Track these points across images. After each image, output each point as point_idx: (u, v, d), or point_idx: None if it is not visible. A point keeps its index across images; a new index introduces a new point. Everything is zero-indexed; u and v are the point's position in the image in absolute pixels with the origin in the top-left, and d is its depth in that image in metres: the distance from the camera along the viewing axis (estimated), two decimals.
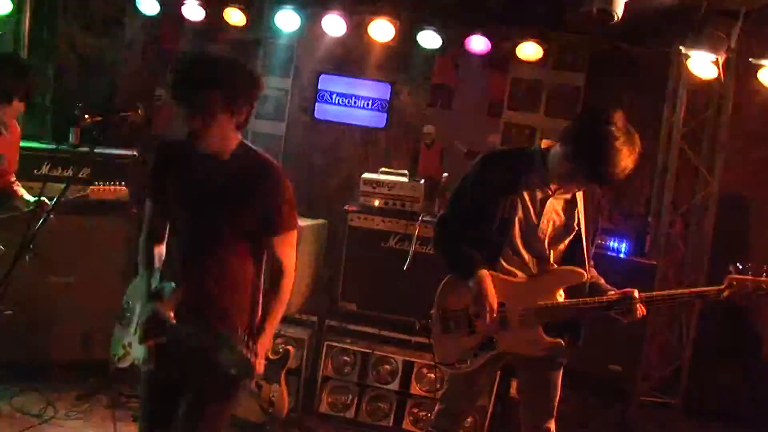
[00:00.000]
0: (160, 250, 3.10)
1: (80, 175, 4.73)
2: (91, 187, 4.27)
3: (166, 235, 3.06)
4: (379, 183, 5.14)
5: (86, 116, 2.84)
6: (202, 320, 2.84)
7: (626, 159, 3.02)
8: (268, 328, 2.93)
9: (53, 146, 5.15)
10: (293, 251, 3.00)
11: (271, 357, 4.64)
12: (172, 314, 2.82)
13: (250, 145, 2.96)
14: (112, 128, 2.88)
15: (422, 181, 5.22)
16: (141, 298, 2.97)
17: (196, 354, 2.83)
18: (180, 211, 2.95)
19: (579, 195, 3.33)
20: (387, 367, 4.98)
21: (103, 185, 4.30)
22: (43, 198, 4.10)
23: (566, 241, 3.36)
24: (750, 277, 3.16)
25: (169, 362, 2.90)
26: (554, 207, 3.32)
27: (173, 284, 2.88)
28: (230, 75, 2.77)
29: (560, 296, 3.31)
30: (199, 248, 2.90)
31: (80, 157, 2.93)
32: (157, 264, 3.04)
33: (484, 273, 3.26)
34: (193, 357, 2.85)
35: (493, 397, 4.80)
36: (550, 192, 3.29)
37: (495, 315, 3.25)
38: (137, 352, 2.97)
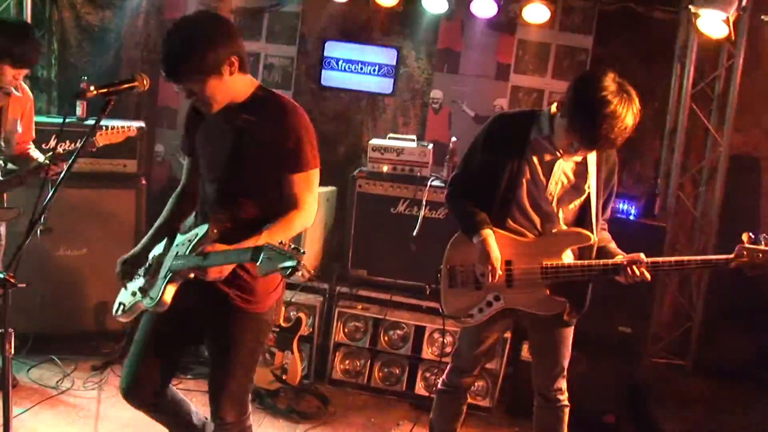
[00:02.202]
0: (188, 208, 3.19)
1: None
2: (99, 132, 4.16)
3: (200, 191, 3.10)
4: (387, 149, 5.13)
5: (92, 89, 2.82)
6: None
7: (623, 120, 3.00)
8: (258, 235, 2.77)
9: (60, 119, 5.16)
10: (313, 193, 2.94)
11: (283, 324, 4.69)
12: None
13: (269, 89, 2.98)
14: (118, 100, 2.87)
15: (430, 146, 5.21)
16: (169, 242, 3.04)
17: (221, 293, 2.91)
18: (204, 163, 3.03)
19: (591, 157, 3.32)
20: (398, 332, 5.02)
21: (111, 129, 4.26)
22: (49, 161, 4.10)
23: (576, 203, 3.37)
24: (762, 248, 3.11)
25: (188, 301, 2.94)
26: (563, 169, 3.32)
27: (207, 225, 2.89)
28: (200, 42, 2.75)
29: (567, 257, 3.33)
30: (223, 195, 2.93)
31: (90, 131, 2.93)
32: (178, 222, 3.14)
33: (489, 232, 3.30)
34: (218, 296, 2.92)
35: (504, 360, 4.85)
36: (559, 154, 3.29)
37: (500, 273, 3.28)
38: (149, 292, 2.97)
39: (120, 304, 3.17)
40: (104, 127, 4.23)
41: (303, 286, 5.07)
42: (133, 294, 3.09)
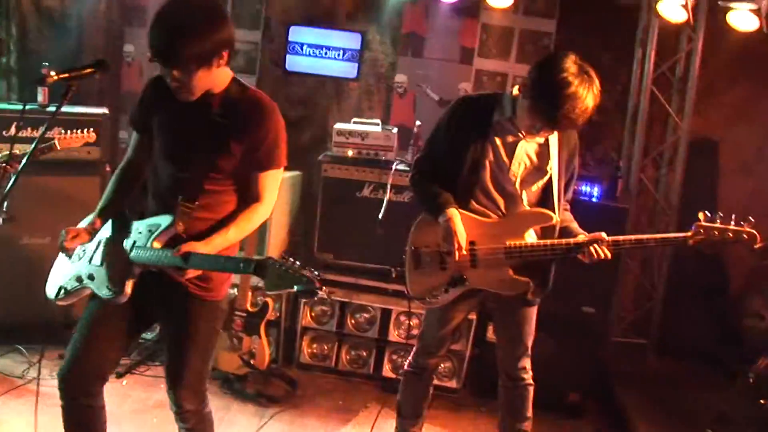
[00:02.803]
0: (133, 185, 3.10)
1: (51, 135, 4.66)
2: (57, 137, 4.18)
3: (152, 170, 3.03)
4: (352, 133, 5.14)
5: (52, 74, 2.79)
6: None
7: (584, 101, 3.04)
8: (227, 232, 2.84)
9: (20, 106, 5.09)
10: (276, 187, 2.98)
11: (250, 309, 4.69)
12: (159, 245, 2.80)
13: (243, 82, 2.94)
14: (79, 85, 2.83)
15: (395, 130, 5.23)
16: (115, 225, 2.96)
17: (176, 281, 2.84)
18: (168, 146, 2.93)
19: (553, 139, 3.37)
20: (365, 315, 5.05)
21: (70, 132, 4.23)
22: (12, 152, 4.03)
23: (539, 184, 3.42)
24: (718, 225, 3.18)
25: (140, 287, 2.88)
26: (526, 150, 3.36)
27: (171, 217, 2.83)
28: (201, 27, 2.67)
29: (530, 237, 3.38)
30: (188, 183, 2.86)
31: (50, 117, 2.89)
32: (131, 197, 3.06)
33: (454, 211, 3.34)
34: (173, 284, 2.85)
35: (470, 341, 4.90)
36: (521, 135, 3.33)
37: (465, 252, 3.31)
38: (104, 282, 2.90)
39: (61, 288, 3.08)
40: (64, 132, 4.24)
41: None
42: (78, 280, 3.01)
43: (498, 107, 3.37)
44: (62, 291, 3.07)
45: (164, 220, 2.84)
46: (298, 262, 2.52)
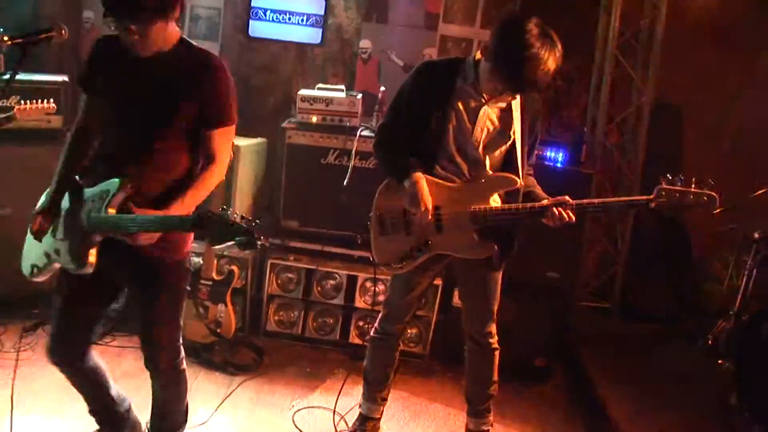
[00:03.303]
0: (86, 150, 3.08)
1: (8, 104, 4.56)
2: (16, 107, 4.10)
3: (101, 132, 3.03)
4: (316, 99, 5.09)
5: (5, 39, 2.74)
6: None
7: (546, 63, 3.04)
8: (188, 194, 2.88)
9: None
10: (229, 146, 3.02)
11: (215, 278, 4.67)
12: (113, 210, 2.80)
13: (190, 41, 2.94)
14: (34, 50, 2.79)
15: (359, 96, 5.19)
16: (72, 196, 2.96)
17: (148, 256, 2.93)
18: (117, 106, 2.92)
19: (515, 103, 3.37)
20: (331, 282, 5.04)
21: (30, 103, 4.16)
22: None
23: (502, 149, 3.42)
24: (678, 188, 3.19)
25: (104, 255, 2.90)
26: (488, 115, 3.36)
27: (118, 180, 2.82)
28: None
29: (494, 202, 3.39)
30: (138, 143, 2.87)
31: (5, 84, 2.85)
32: (85, 163, 3.05)
33: (419, 175, 3.34)
34: (134, 249, 2.87)
35: (436, 308, 4.93)
36: (483, 100, 3.33)
37: (430, 216, 3.32)
38: (69, 255, 2.92)
39: (33, 266, 3.11)
40: (23, 102, 4.13)
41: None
42: (47, 256, 3.03)
43: (461, 72, 3.36)
44: (35, 269, 3.11)
45: (113, 185, 2.83)
46: (237, 213, 2.54)
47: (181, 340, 3.27)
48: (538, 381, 4.94)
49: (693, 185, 3.20)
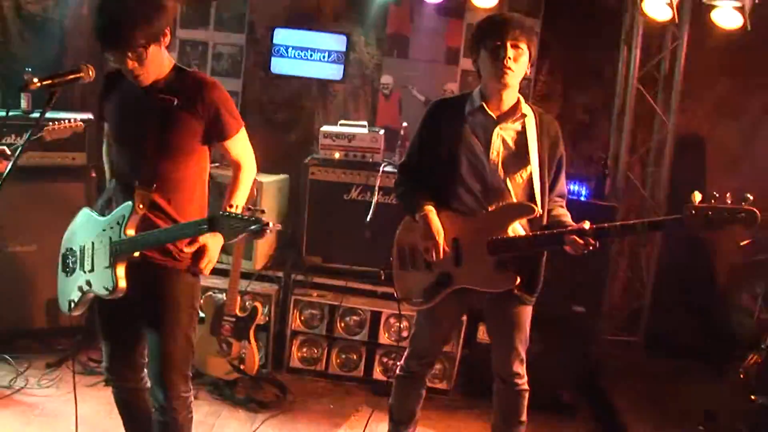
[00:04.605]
0: None
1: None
2: (45, 128, 4.06)
3: (112, 154, 3.23)
4: (338, 135, 5.11)
5: (35, 80, 2.78)
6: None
7: (515, 15, 3.39)
8: (232, 199, 3.09)
9: (3, 113, 5.03)
10: (247, 145, 3.23)
11: (239, 314, 4.66)
12: (133, 231, 2.94)
13: (181, 65, 3.09)
14: (62, 91, 2.84)
15: (381, 132, 5.21)
16: (91, 229, 3.08)
17: (155, 266, 3.05)
18: (123, 133, 3.10)
19: (530, 125, 3.37)
20: (355, 318, 5.03)
21: (58, 123, 4.17)
22: None
23: (524, 175, 3.39)
24: (711, 205, 2.95)
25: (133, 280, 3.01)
26: (502, 137, 3.37)
27: (130, 203, 2.96)
28: (144, 9, 2.83)
29: (513, 231, 3.35)
30: (147, 166, 2.98)
31: (35, 124, 2.92)
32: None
33: (430, 208, 3.37)
34: (153, 270, 3.04)
35: (460, 343, 4.89)
36: (494, 121, 3.36)
37: (446, 250, 3.32)
38: (101, 283, 3.01)
39: (70, 301, 3.19)
40: (50, 123, 4.12)
41: (258, 275, 5.05)
42: (80, 289, 3.12)
43: (468, 101, 3.44)
44: (72, 303, 3.19)
45: (126, 209, 2.97)
46: (239, 206, 2.73)
47: (190, 371, 3.24)
48: (565, 416, 4.88)
49: (728, 201, 2.97)
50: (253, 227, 2.63)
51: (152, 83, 2.98)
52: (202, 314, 3.83)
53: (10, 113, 4.92)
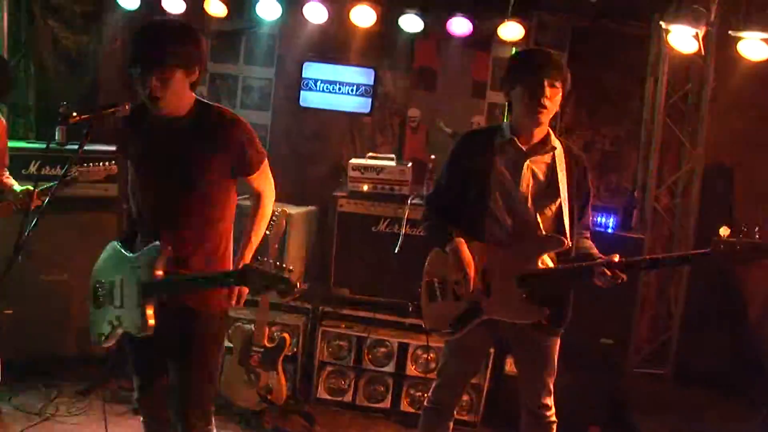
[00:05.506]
0: None
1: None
2: (79, 168, 4.11)
3: (134, 195, 3.21)
4: (367, 168, 5.16)
5: (74, 114, 2.85)
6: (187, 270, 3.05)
7: (550, 53, 3.40)
8: (253, 238, 3.19)
9: (42, 145, 5.12)
10: (269, 175, 3.26)
11: (267, 345, 4.69)
12: (161, 272, 2.96)
13: (204, 100, 3.10)
14: (99, 125, 2.91)
15: (409, 165, 5.25)
16: (120, 265, 3.10)
17: (182, 307, 3.06)
18: (147, 173, 3.10)
19: (559, 159, 3.39)
20: (382, 349, 5.03)
21: (92, 165, 4.23)
22: (28, 187, 4.02)
23: (553, 208, 3.39)
24: (740, 239, 2.97)
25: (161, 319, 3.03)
26: (533, 169, 3.39)
27: (158, 244, 2.98)
28: (181, 34, 2.92)
29: (543, 264, 3.36)
30: (173, 206, 3.03)
31: (73, 156, 2.99)
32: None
33: (459, 240, 3.37)
34: (179, 310, 3.05)
35: (488, 374, 4.87)
36: (524, 154, 3.37)
37: (476, 281, 3.32)
38: (131, 321, 3.05)
39: (100, 334, 3.22)
40: (85, 165, 4.17)
41: (287, 306, 5.08)
42: (110, 324, 3.14)
43: (498, 133, 3.43)
44: (102, 336, 3.22)
45: (154, 251, 2.99)
46: (270, 260, 2.77)
47: (213, 407, 3.26)
48: None
49: (756, 235, 3.00)
50: (282, 287, 2.70)
51: (175, 120, 2.99)
52: (229, 344, 3.84)
53: (49, 145, 5.02)
